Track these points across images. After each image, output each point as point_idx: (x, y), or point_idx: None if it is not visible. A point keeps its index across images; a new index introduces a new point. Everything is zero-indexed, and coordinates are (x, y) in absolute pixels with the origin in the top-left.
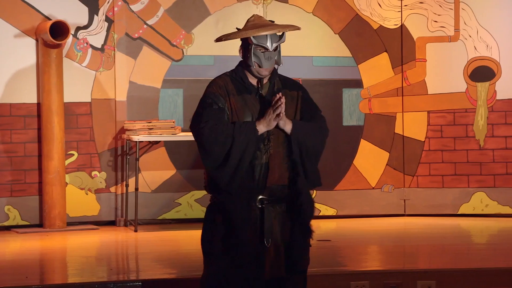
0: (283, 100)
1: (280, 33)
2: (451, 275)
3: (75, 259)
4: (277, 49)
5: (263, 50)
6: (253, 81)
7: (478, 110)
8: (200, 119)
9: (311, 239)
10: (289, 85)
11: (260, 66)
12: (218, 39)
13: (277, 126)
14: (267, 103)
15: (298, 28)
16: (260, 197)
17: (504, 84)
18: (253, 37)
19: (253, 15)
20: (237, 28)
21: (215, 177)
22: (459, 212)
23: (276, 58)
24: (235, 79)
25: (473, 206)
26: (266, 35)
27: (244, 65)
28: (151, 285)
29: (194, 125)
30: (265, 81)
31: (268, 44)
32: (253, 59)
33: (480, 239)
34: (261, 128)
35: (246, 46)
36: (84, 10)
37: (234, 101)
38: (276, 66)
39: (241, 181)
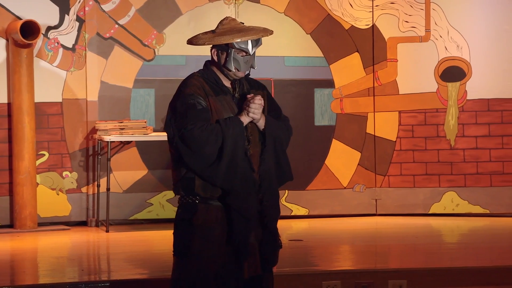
0: (261, 96)
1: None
2: (422, 275)
3: (46, 259)
4: (254, 52)
5: (243, 54)
6: (226, 82)
7: (449, 110)
8: (185, 121)
9: (280, 240)
10: (255, 86)
11: (238, 70)
12: (195, 43)
13: (251, 122)
14: (241, 103)
15: (272, 32)
16: None
17: (474, 84)
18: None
19: (226, 18)
20: (212, 31)
21: (209, 176)
22: (430, 212)
23: (251, 61)
24: (209, 80)
25: (444, 205)
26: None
27: (216, 66)
28: (123, 286)
29: (178, 128)
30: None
31: (249, 48)
32: (233, 63)
33: (451, 239)
34: (245, 119)
35: (224, 50)
36: (55, 9)
37: (212, 101)
38: (249, 69)
39: (241, 175)
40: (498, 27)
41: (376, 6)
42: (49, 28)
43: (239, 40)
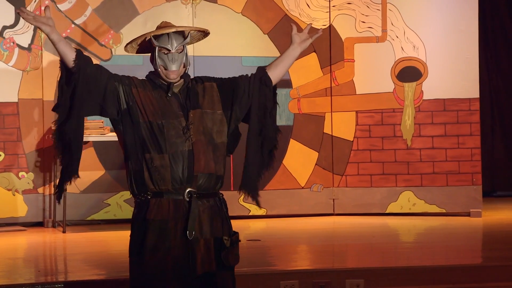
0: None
1: (186, 34)
2: (379, 274)
3: (2, 261)
4: (183, 50)
5: (166, 52)
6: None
7: (405, 110)
8: None
9: (237, 236)
10: (205, 80)
11: (165, 69)
12: (125, 49)
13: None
14: (178, 99)
15: (205, 30)
16: (189, 189)
17: (430, 84)
18: (155, 40)
19: (162, 22)
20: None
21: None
22: (387, 211)
23: (183, 60)
24: (149, 79)
25: (401, 205)
26: (168, 36)
27: (154, 69)
28: (80, 287)
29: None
30: (177, 81)
31: (169, 46)
32: (158, 61)
33: (408, 238)
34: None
35: (153, 51)
36: (10, 9)
37: (144, 93)
38: (184, 69)
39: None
40: (453, 28)
41: (333, 6)
42: (4, 28)
43: (153, 34)
